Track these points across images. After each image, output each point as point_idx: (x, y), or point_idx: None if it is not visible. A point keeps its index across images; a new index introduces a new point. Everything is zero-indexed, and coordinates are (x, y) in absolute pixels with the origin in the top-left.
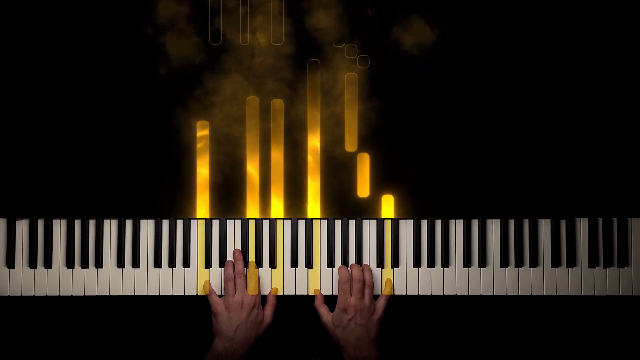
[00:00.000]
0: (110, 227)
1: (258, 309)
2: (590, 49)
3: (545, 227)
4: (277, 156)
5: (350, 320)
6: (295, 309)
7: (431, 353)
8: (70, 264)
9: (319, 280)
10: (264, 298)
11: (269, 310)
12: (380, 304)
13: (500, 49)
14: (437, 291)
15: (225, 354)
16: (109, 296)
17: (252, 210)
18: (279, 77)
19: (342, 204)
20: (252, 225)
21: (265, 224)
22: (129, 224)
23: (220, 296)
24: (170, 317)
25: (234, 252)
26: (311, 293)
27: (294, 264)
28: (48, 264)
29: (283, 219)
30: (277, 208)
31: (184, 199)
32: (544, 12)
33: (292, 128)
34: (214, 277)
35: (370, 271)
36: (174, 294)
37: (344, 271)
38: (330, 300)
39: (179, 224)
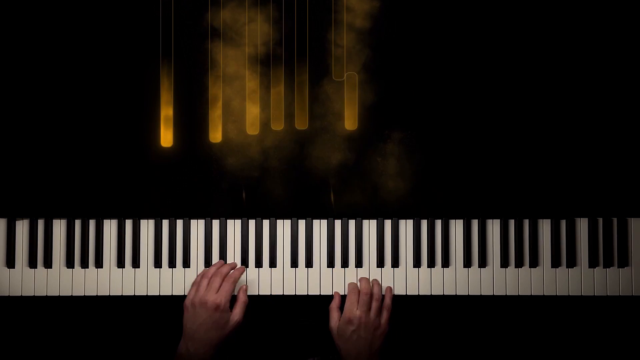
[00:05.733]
0: (110, 227)
1: (222, 312)
2: (590, 48)
3: (545, 227)
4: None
5: (353, 332)
6: (295, 308)
7: (431, 353)
8: (70, 264)
9: (319, 280)
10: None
11: (238, 309)
12: (384, 318)
13: (501, 49)
14: (437, 291)
15: (187, 354)
16: (109, 296)
17: (253, 210)
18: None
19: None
20: (252, 225)
21: (266, 224)
22: (129, 224)
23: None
24: (170, 317)
25: (223, 263)
26: (312, 293)
27: (294, 264)
28: (48, 264)
29: (283, 219)
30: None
31: (184, 198)
32: (546, 13)
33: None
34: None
35: (380, 285)
36: (174, 294)
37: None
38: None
39: (179, 224)
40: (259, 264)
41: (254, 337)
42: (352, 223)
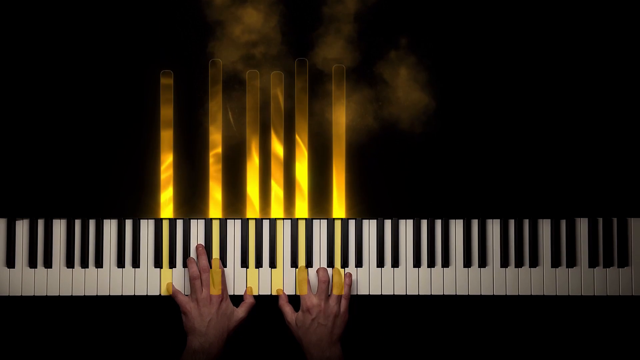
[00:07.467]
0: (110, 227)
1: (226, 302)
2: (590, 49)
3: (545, 227)
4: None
5: (313, 320)
6: (295, 308)
7: (432, 353)
8: (70, 264)
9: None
10: (234, 296)
11: (243, 307)
12: (343, 305)
13: (501, 50)
14: (437, 291)
15: (202, 349)
16: (109, 296)
17: (254, 210)
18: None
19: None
20: (252, 225)
21: (266, 224)
22: (129, 224)
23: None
24: (170, 317)
25: (196, 248)
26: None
27: (294, 264)
28: (48, 264)
29: (283, 219)
30: (277, 210)
31: (182, 198)
32: (545, 13)
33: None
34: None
35: (341, 274)
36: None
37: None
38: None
39: (179, 223)
40: (259, 264)
41: (254, 337)
42: (352, 223)
